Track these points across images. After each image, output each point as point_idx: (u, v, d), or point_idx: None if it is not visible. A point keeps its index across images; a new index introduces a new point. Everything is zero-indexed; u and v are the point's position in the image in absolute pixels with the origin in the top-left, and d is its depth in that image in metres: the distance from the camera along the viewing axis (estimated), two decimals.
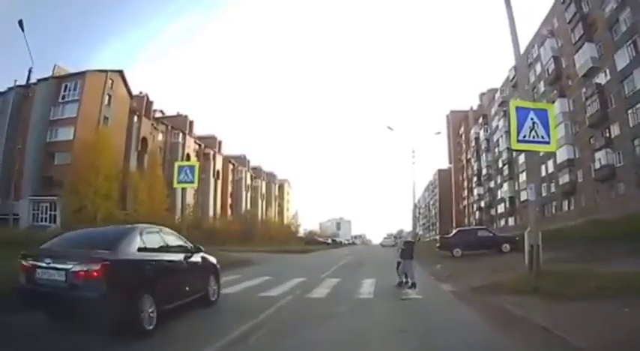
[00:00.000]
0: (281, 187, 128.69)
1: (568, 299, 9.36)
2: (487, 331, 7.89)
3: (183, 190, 25.60)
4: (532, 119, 11.42)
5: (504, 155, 75.93)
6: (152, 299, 7.88)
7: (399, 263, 15.01)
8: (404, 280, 14.61)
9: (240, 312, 9.84)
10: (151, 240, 8.92)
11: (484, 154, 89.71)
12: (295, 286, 14.86)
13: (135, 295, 7.57)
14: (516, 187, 70.99)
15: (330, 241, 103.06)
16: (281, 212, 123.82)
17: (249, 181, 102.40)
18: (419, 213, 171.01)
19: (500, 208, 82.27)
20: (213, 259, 11.77)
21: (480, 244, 28.84)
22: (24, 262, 7.50)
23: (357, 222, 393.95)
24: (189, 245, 10.54)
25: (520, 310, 8.77)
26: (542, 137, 11.51)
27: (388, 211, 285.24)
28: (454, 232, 33.58)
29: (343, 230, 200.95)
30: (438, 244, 32.37)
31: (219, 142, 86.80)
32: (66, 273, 7.12)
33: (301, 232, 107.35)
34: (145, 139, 64.26)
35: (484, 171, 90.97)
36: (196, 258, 10.52)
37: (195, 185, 22.14)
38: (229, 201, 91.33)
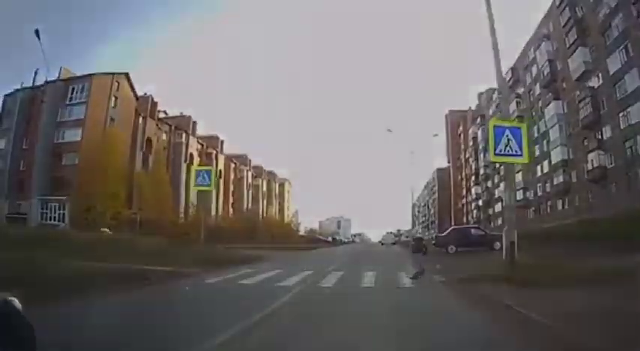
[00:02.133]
0: (281, 186, 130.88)
1: (535, 286, 11.51)
2: (462, 307, 10.22)
3: (188, 191, 27.77)
4: (507, 136, 13.58)
5: None
6: None
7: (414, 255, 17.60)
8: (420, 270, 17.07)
9: (268, 296, 11.95)
10: None
11: (482, 154, 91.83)
12: (305, 277, 17.13)
13: None
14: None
15: (330, 239, 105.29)
16: (281, 211, 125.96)
17: (250, 180, 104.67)
18: (418, 211, 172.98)
19: (498, 207, 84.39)
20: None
21: (473, 241, 30.95)
22: None
23: (356, 220, 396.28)
24: None
25: (492, 293, 11.06)
26: (516, 151, 13.66)
27: (387, 209, 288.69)
28: (449, 230, 35.60)
29: (343, 229, 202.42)
30: (433, 242, 34.61)
31: (222, 142, 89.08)
32: None
33: (302, 231, 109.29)
34: (149, 140, 66.49)
35: (482, 170, 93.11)
36: None
37: (212, 188, 24.27)
38: (231, 199, 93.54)
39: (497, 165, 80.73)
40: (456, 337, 7.26)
